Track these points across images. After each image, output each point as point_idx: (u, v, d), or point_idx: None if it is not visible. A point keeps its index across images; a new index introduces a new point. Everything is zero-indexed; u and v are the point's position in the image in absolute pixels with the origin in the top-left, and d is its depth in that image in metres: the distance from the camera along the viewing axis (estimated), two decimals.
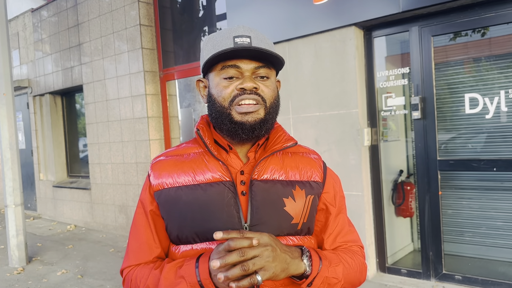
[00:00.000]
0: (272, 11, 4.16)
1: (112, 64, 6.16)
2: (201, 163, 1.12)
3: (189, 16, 5.81)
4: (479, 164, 3.41)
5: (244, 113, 1.06)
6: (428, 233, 3.65)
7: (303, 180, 1.14)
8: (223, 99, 1.08)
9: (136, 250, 1.14)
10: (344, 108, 3.83)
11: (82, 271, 4.68)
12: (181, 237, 1.10)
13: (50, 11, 7.28)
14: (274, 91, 1.13)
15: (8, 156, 4.94)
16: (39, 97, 7.85)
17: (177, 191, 1.10)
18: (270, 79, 1.11)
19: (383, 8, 3.51)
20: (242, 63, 1.07)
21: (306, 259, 1.02)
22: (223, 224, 1.06)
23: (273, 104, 1.12)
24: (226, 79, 1.08)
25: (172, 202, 1.10)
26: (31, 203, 8.43)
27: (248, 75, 1.07)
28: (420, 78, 3.60)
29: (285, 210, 1.09)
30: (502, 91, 3.33)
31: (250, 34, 1.08)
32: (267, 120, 1.10)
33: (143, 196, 1.17)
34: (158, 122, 5.87)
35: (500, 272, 3.54)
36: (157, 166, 1.15)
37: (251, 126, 1.07)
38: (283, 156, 1.17)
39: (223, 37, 1.09)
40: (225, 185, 1.09)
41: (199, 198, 1.08)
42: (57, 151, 7.74)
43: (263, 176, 1.11)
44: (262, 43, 1.09)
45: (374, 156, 3.90)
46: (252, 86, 1.06)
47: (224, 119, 1.09)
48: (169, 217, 1.12)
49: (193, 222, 1.08)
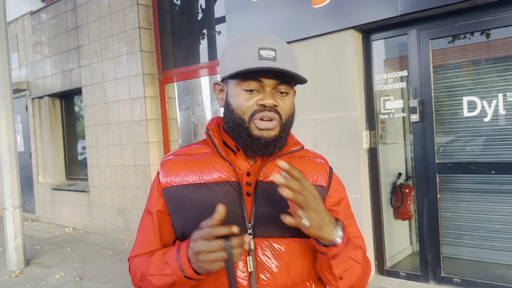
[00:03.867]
0: (271, 14, 4.17)
1: (111, 66, 6.16)
2: (209, 163, 1.15)
3: (188, 19, 5.82)
4: (477, 167, 3.42)
5: (263, 129, 1.08)
6: (427, 236, 3.65)
7: None
8: (242, 112, 1.09)
9: (139, 242, 1.21)
10: (342, 111, 3.83)
11: (80, 274, 4.67)
12: (185, 234, 1.12)
13: (49, 14, 7.29)
14: (291, 108, 1.14)
15: (7, 158, 4.94)
16: (38, 99, 7.85)
17: (184, 189, 1.13)
18: (289, 94, 1.12)
19: (381, 11, 3.53)
20: (264, 78, 1.08)
21: (340, 230, 1.03)
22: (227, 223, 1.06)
23: (288, 121, 1.13)
24: (246, 92, 1.08)
25: (178, 200, 1.13)
26: (29, 205, 8.42)
27: (269, 91, 1.08)
28: (419, 81, 3.61)
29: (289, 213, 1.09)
30: (500, 94, 3.34)
31: (276, 47, 1.08)
32: (281, 137, 1.12)
33: (152, 193, 1.21)
34: (157, 125, 5.87)
35: (498, 275, 3.55)
36: (167, 165, 1.18)
37: (266, 141, 1.09)
38: (290, 160, 1.19)
39: (247, 46, 1.08)
40: (231, 185, 1.11)
41: (205, 197, 1.10)
42: (56, 154, 7.73)
43: (268, 178, 1.12)
44: (286, 57, 1.09)
45: (373, 158, 3.91)
46: (272, 104, 1.07)
47: (241, 132, 1.10)
48: (175, 214, 1.15)
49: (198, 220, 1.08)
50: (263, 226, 1.09)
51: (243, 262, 1.08)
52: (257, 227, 1.08)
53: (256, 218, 1.09)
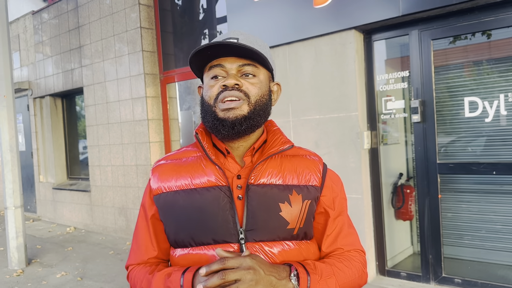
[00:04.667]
0: (273, 14, 4.18)
1: (112, 66, 6.17)
2: (199, 167, 1.13)
3: (190, 19, 5.82)
4: (478, 167, 3.42)
5: (226, 109, 1.07)
6: (428, 236, 3.65)
7: (301, 185, 1.13)
8: (209, 98, 1.10)
9: (136, 250, 1.20)
10: (344, 111, 3.83)
11: (81, 273, 4.67)
12: (177, 241, 1.12)
13: (51, 14, 7.30)
14: (261, 89, 1.11)
15: (8, 158, 4.95)
16: (39, 99, 7.86)
17: (174, 195, 1.11)
18: (258, 77, 1.11)
19: (383, 11, 3.53)
20: (226, 62, 1.09)
21: (294, 278, 1.00)
22: (218, 229, 1.06)
23: (260, 102, 1.10)
24: (212, 79, 1.10)
25: (169, 206, 1.12)
26: (30, 205, 8.43)
27: (233, 73, 1.08)
28: (420, 81, 3.61)
29: (281, 215, 1.09)
30: (502, 95, 3.34)
31: (239, 36, 1.10)
32: (251, 117, 1.08)
33: (144, 199, 1.20)
34: (158, 125, 5.88)
35: (499, 275, 3.54)
36: (157, 170, 1.17)
37: (231, 122, 1.07)
38: (282, 159, 1.16)
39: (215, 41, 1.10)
40: (220, 189, 1.09)
41: (195, 202, 1.09)
42: (57, 153, 7.74)
43: (260, 181, 1.10)
44: (250, 43, 1.09)
45: (374, 159, 3.91)
46: (233, 83, 1.06)
47: (209, 117, 1.10)
48: (167, 220, 1.14)
49: (188, 226, 1.09)
50: (255, 230, 1.07)
51: None
52: (249, 231, 1.06)
53: (247, 222, 1.07)
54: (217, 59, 1.10)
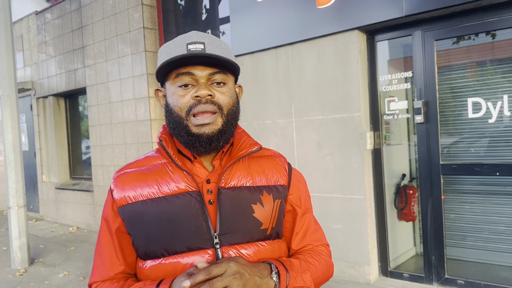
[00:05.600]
0: (276, 14, 4.17)
1: (115, 66, 6.18)
2: (165, 174, 1.09)
3: (193, 19, 5.83)
4: (482, 168, 3.41)
5: (200, 125, 1.04)
6: (431, 237, 3.64)
7: (270, 185, 1.14)
8: (179, 109, 1.06)
9: (100, 267, 1.14)
10: (346, 111, 3.83)
11: (84, 273, 4.68)
12: (148, 253, 1.08)
13: (54, 14, 7.32)
14: (231, 98, 1.09)
15: (12, 158, 4.96)
16: (42, 99, 7.88)
17: (142, 205, 1.07)
18: (227, 85, 1.09)
19: (386, 12, 3.52)
20: (196, 70, 1.05)
21: (275, 276, 1.02)
22: (192, 236, 1.05)
23: (231, 111, 1.09)
24: (181, 87, 1.06)
25: (137, 217, 1.07)
26: (33, 204, 8.45)
27: (203, 82, 1.05)
28: (423, 82, 3.60)
29: (254, 217, 1.09)
30: (505, 96, 3.33)
31: (204, 40, 1.06)
32: (225, 130, 1.07)
33: (106, 212, 1.13)
34: (160, 125, 5.88)
35: (502, 277, 3.53)
36: (120, 180, 1.12)
37: (208, 138, 1.05)
38: (249, 162, 1.15)
39: (176, 44, 1.07)
40: (191, 195, 1.06)
41: (165, 211, 1.05)
42: (60, 153, 7.76)
43: (230, 184, 1.09)
44: (217, 49, 1.06)
45: (377, 160, 3.90)
46: (206, 94, 1.03)
47: (181, 131, 1.07)
48: (136, 232, 1.09)
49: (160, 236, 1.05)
50: (229, 234, 1.06)
51: None
52: (223, 235, 1.05)
53: (221, 226, 1.05)
54: (185, 67, 1.05)
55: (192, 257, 1.04)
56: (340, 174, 3.88)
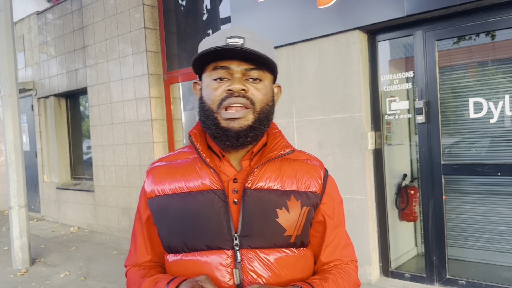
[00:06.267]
0: (277, 14, 4.17)
1: (116, 66, 6.18)
2: (193, 170, 1.08)
3: (194, 19, 5.83)
4: (483, 168, 3.40)
5: (230, 118, 1.01)
6: (432, 238, 3.64)
7: (300, 190, 1.09)
8: (211, 101, 1.04)
9: (133, 252, 1.20)
10: (348, 111, 3.82)
11: (85, 273, 4.68)
12: (170, 246, 1.09)
13: (55, 14, 7.32)
14: (266, 95, 1.06)
15: (13, 158, 4.96)
16: (43, 99, 7.89)
17: (168, 199, 1.08)
18: (263, 82, 1.06)
19: (387, 12, 3.52)
20: (232, 64, 1.02)
21: None
22: (212, 234, 1.03)
23: (264, 109, 1.06)
24: (216, 80, 1.04)
25: (162, 210, 1.08)
26: (34, 204, 8.46)
27: (238, 77, 1.03)
28: (424, 82, 3.60)
29: (278, 222, 1.04)
30: (507, 96, 3.32)
31: (244, 35, 1.04)
32: (255, 127, 1.04)
33: (139, 202, 1.17)
34: (162, 125, 5.89)
35: (504, 277, 3.53)
36: (152, 173, 1.14)
37: (236, 133, 1.02)
38: (281, 163, 1.11)
39: (216, 37, 1.05)
40: (215, 193, 1.04)
41: (189, 206, 1.05)
42: (61, 153, 7.76)
43: (257, 185, 1.05)
44: (257, 44, 1.04)
45: (378, 160, 3.90)
46: (240, 88, 1.01)
47: (210, 123, 1.05)
48: (160, 225, 1.10)
49: (181, 231, 1.05)
50: (250, 236, 1.02)
51: (229, 274, 1.02)
52: (244, 237, 1.02)
53: (243, 228, 1.02)
54: (222, 61, 1.03)
55: (211, 256, 1.03)
56: (341, 174, 3.87)
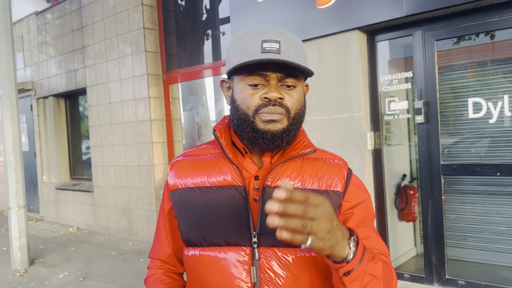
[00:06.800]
0: (276, 14, 4.17)
1: (115, 67, 6.18)
2: (216, 164, 1.10)
3: (193, 19, 5.83)
4: (482, 168, 3.40)
5: (267, 121, 1.02)
6: (431, 238, 3.64)
7: (321, 189, 1.07)
8: (247, 107, 1.04)
9: (156, 244, 1.23)
10: (347, 112, 3.82)
11: (84, 274, 4.68)
12: (189, 239, 1.09)
13: (54, 14, 7.32)
14: (299, 101, 1.08)
15: (12, 158, 4.96)
16: (42, 99, 7.88)
17: (189, 192, 1.09)
18: (297, 88, 1.06)
19: (386, 12, 3.52)
20: (269, 71, 1.02)
21: (353, 245, 0.90)
22: (231, 230, 1.03)
23: (297, 115, 1.08)
24: (251, 86, 1.03)
25: (184, 203, 1.10)
26: (33, 205, 8.45)
27: (274, 84, 1.02)
28: (424, 82, 3.60)
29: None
30: (506, 96, 3.32)
31: (280, 39, 1.01)
32: (290, 130, 1.05)
33: (163, 195, 1.19)
34: (161, 125, 5.88)
35: (503, 277, 3.53)
36: (175, 166, 1.15)
37: (272, 135, 1.02)
38: (303, 162, 1.10)
39: (251, 39, 1.03)
40: (236, 189, 1.05)
41: (210, 201, 1.06)
42: (60, 154, 7.76)
43: (277, 183, 1.05)
44: (291, 48, 1.02)
45: (377, 160, 3.90)
46: (277, 97, 1.01)
47: (246, 127, 1.04)
48: (180, 217, 1.12)
49: (200, 225, 1.06)
50: (269, 235, 1.00)
51: (246, 272, 1.01)
52: (262, 236, 1.01)
53: (261, 226, 1.01)
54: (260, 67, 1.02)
55: (229, 253, 1.03)
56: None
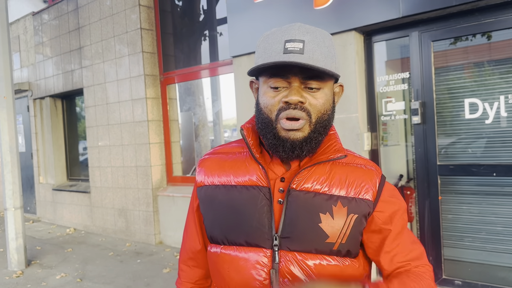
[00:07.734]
0: (273, 15, 4.17)
1: (112, 67, 6.17)
2: (242, 164, 1.08)
3: (190, 20, 5.83)
4: (479, 169, 3.41)
5: (288, 129, 0.98)
6: (428, 238, 3.65)
7: (349, 196, 1.03)
8: (269, 110, 1.01)
9: (185, 240, 1.24)
10: (344, 112, 3.83)
11: (81, 275, 4.67)
12: (212, 236, 1.10)
13: (51, 15, 7.30)
14: (324, 104, 1.01)
15: (8, 159, 4.94)
16: (39, 100, 7.86)
17: (215, 189, 1.09)
18: (322, 89, 1.00)
19: (383, 13, 3.52)
20: (291, 73, 0.97)
21: None
22: (252, 231, 1.02)
23: (320, 119, 1.01)
24: (273, 89, 1.00)
25: (209, 200, 1.10)
26: (30, 206, 8.42)
27: (296, 86, 0.98)
28: (420, 83, 3.61)
29: (320, 227, 0.99)
30: (502, 96, 3.34)
31: (304, 38, 0.96)
32: (311, 139, 1.00)
33: (192, 191, 1.21)
34: (158, 126, 5.87)
35: (500, 277, 3.54)
36: (203, 163, 1.16)
37: (291, 144, 0.99)
38: (332, 166, 1.06)
39: (275, 39, 0.99)
40: (260, 190, 1.03)
41: (233, 199, 1.05)
42: (57, 154, 7.74)
43: (303, 186, 1.02)
44: (318, 48, 0.97)
45: (374, 160, 3.90)
46: (297, 100, 0.96)
47: (268, 133, 1.02)
48: (205, 214, 1.12)
49: (223, 223, 1.06)
50: (290, 239, 0.99)
51: (266, 274, 1.00)
52: (284, 239, 1.00)
53: (283, 229, 1.00)
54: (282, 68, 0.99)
55: (249, 253, 1.02)
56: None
